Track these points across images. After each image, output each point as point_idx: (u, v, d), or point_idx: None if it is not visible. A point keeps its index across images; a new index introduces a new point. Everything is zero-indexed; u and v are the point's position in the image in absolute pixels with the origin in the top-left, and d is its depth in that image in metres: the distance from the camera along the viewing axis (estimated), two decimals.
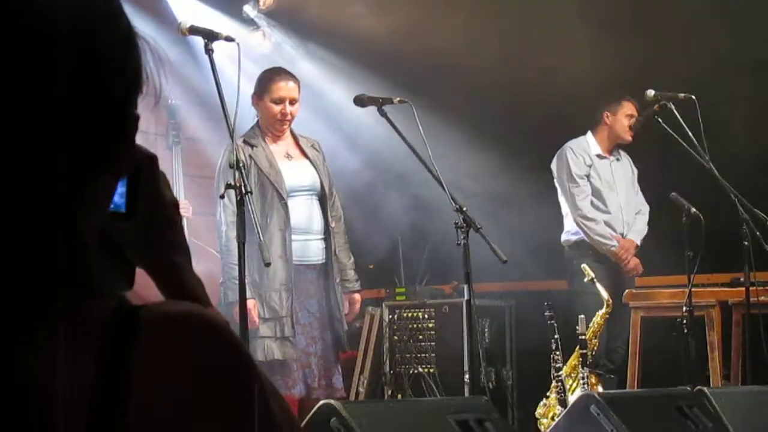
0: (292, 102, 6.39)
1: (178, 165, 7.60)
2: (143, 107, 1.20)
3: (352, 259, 6.62)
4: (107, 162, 1.15)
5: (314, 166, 6.45)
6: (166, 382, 1.07)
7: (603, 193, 7.86)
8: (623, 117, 7.88)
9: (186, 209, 7.40)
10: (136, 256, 1.39)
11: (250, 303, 6.02)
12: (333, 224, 6.43)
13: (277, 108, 6.36)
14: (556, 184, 7.97)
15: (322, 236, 6.41)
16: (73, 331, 1.08)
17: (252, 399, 1.13)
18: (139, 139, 1.19)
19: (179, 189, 7.54)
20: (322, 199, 6.44)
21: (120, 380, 1.06)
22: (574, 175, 7.83)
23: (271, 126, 6.42)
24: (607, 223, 7.80)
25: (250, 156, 6.26)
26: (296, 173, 6.37)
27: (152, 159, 1.38)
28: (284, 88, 6.40)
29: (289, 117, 6.38)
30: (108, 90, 1.14)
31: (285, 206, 6.25)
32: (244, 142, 6.29)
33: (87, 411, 1.05)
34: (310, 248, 6.36)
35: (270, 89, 6.40)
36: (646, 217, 7.99)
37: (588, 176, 7.87)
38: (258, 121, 6.47)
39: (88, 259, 1.13)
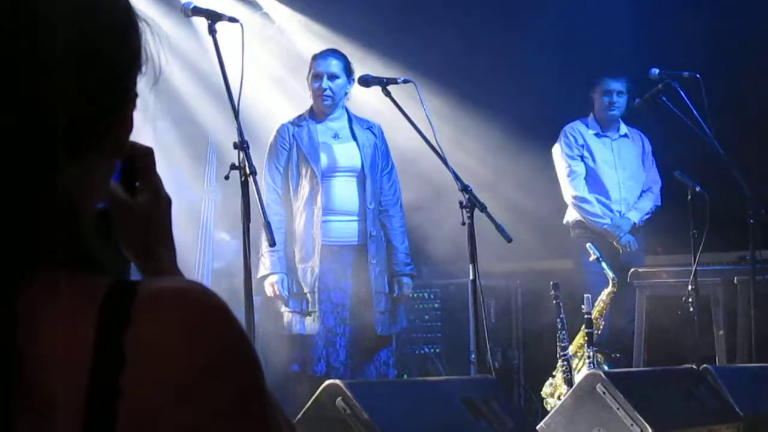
0: (331, 77, 6.45)
1: (211, 150, 7.70)
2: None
3: (406, 243, 6.65)
4: (105, 134, 1.16)
5: (360, 148, 6.47)
6: (160, 358, 1.07)
7: (599, 172, 7.87)
8: (601, 94, 7.90)
9: (215, 193, 7.54)
10: (125, 244, 1.40)
11: (275, 278, 6.27)
12: (372, 205, 6.45)
13: (316, 84, 6.46)
14: (556, 169, 7.99)
15: (360, 218, 6.44)
16: (70, 305, 1.08)
17: (247, 379, 1.12)
18: (137, 117, 1.19)
19: (212, 173, 7.64)
20: (363, 180, 6.46)
21: (115, 356, 1.06)
22: (567, 156, 7.86)
23: (315, 103, 6.53)
24: (601, 202, 7.79)
25: (293, 135, 6.41)
26: (338, 153, 6.44)
27: (149, 152, 1.39)
28: (322, 63, 6.49)
29: (328, 92, 6.43)
30: (105, 67, 1.14)
31: (318, 184, 6.33)
32: (292, 122, 6.48)
33: (86, 384, 1.05)
34: (347, 229, 6.41)
35: (312, 67, 6.54)
36: (655, 195, 7.96)
37: (581, 157, 7.89)
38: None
39: (83, 234, 1.13)
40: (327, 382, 4.38)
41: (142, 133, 1.25)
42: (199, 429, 1.08)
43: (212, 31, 5.31)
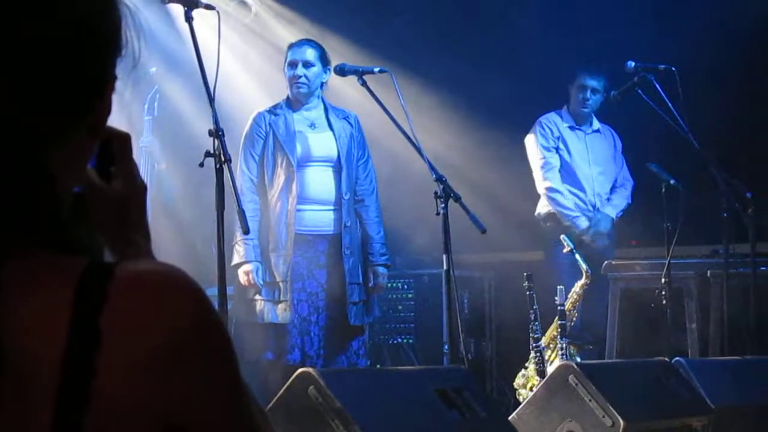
0: (306, 65, 6.47)
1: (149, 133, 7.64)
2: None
3: (382, 233, 6.64)
4: (84, 116, 1.16)
5: (336, 138, 6.46)
6: (136, 339, 1.08)
7: (573, 165, 7.87)
8: (577, 89, 7.90)
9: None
10: (99, 229, 1.39)
11: (249, 266, 6.28)
12: (347, 196, 6.43)
13: (290, 72, 6.47)
14: (529, 159, 7.97)
15: (335, 207, 6.43)
16: (47, 285, 1.08)
17: (221, 360, 1.14)
18: (114, 101, 1.19)
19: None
20: (339, 170, 6.45)
21: (90, 335, 1.06)
22: (542, 147, 7.85)
23: (290, 91, 6.55)
24: (575, 194, 7.80)
25: (269, 124, 6.42)
26: (314, 142, 6.44)
27: (126, 137, 1.39)
28: (297, 51, 6.52)
29: (302, 79, 6.44)
30: (86, 47, 1.14)
31: (293, 173, 6.32)
32: (269, 110, 6.50)
33: (60, 363, 1.05)
34: (321, 219, 6.40)
35: (287, 56, 6.57)
36: (627, 191, 7.98)
37: (557, 149, 7.88)
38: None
39: (62, 214, 1.13)
40: (299, 370, 4.37)
41: (116, 119, 1.25)
42: (174, 407, 1.09)
43: (189, 19, 5.30)
